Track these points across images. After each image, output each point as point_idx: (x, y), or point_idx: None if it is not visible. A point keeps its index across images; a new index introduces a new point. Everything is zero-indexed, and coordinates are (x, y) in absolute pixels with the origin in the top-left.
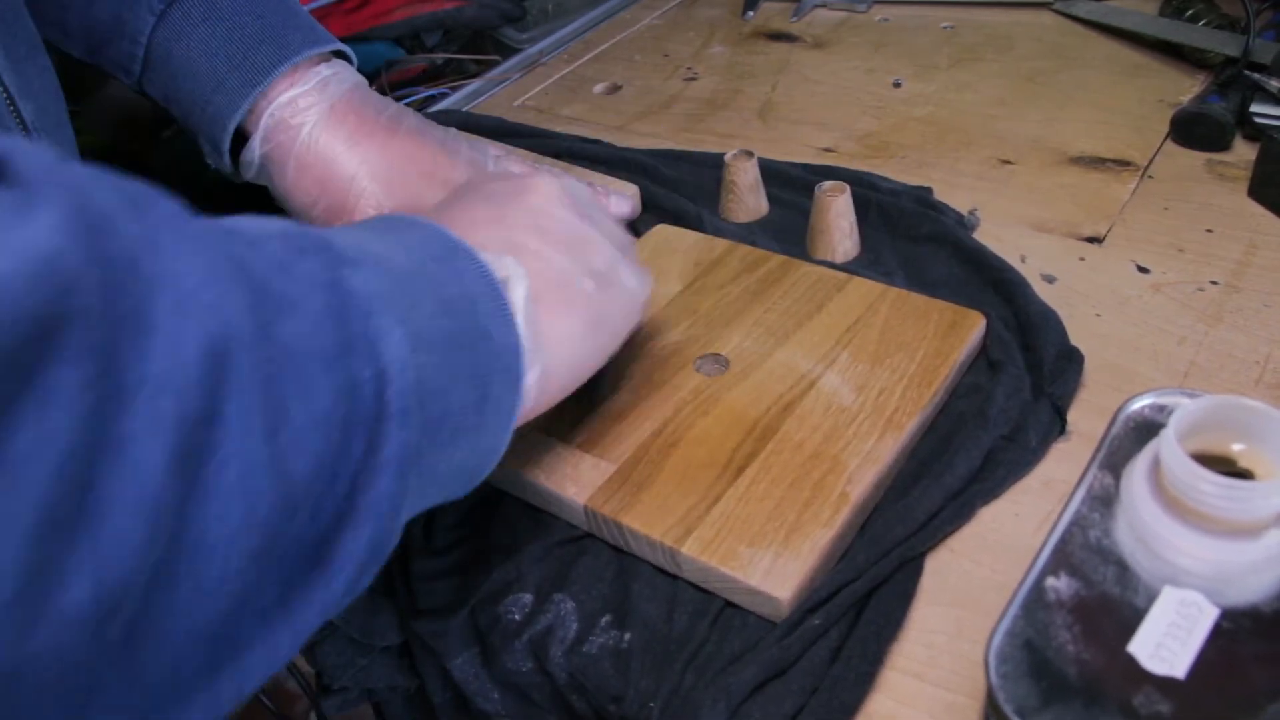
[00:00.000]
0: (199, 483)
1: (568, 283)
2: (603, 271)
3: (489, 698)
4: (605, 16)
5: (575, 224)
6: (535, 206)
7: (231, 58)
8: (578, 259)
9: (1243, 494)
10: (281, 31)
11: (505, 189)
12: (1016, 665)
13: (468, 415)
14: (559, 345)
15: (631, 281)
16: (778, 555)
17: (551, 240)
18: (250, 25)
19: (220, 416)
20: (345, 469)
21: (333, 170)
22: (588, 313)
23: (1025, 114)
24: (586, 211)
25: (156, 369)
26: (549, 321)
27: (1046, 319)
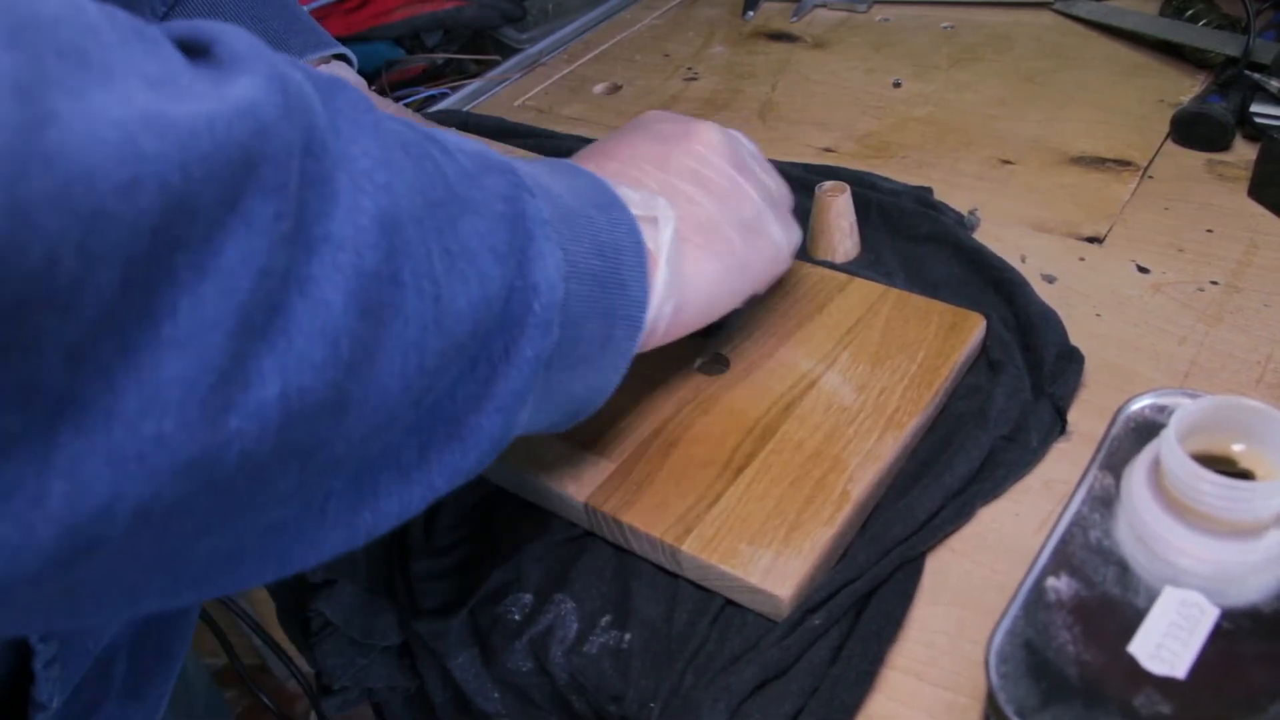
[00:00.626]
0: (381, 332)
1: (714, 228)
2: (749, 221)
3: (489, 697)
4: (605, 16)
5: (730, 174)
6: (696, 153)
7: None
8: (727, 207)
9: (1243, 494)
10: (284, 35)
11: (673, 131)
12: (1017, 665)
13: (593, 347)
14: (697, 283)
15: (777, 233)
16: (778, 553)
17: (706, 187)
18: (251, 29)
19: (398, 280)
20: (489, 357)
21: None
22: (729, 258)
23: (1025, 114)
24: (745, 163)
25: (335, 229)
26: (691, 261)
27: (1047, 319)
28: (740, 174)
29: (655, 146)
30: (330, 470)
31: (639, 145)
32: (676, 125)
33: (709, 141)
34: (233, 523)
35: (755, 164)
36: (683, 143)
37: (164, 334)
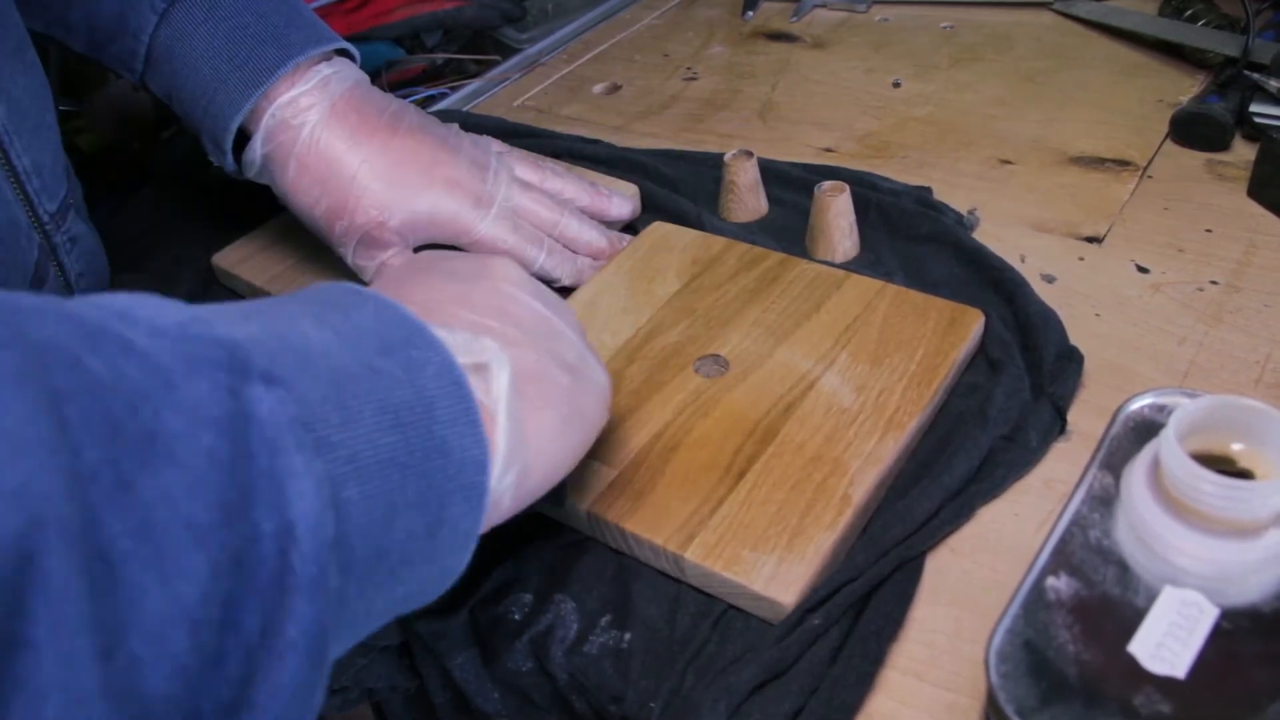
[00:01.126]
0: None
1: (543, 374)
2: (573, 363)
3: (489, 698)
4: (605, 16)
5: (542, 311)
6: (501, 290)
7: (234, 57)
8: (550, 349)
9: (1242, 494)
10: (284, 31)
11: (466, 268)
12: (1017, 665)
13: (416, 544)
14: (538, 441)
15: (599, 374)
16: (781, 560)
17: (522, 325)
18: (253, 25)
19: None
20: (235, 653)
21: (334, 170)
22: (565, 408)
23: (1025, 114)
24: (546, 298)
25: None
26: (528, 417)
27: (1046, 319)
28: (549, 309)
29: (453, 285)
30: None
31: (433, 286)
32: (469, 262)
33: (508, 275)
34: None
35: (554, 298)
36: (483, 280)
37: None
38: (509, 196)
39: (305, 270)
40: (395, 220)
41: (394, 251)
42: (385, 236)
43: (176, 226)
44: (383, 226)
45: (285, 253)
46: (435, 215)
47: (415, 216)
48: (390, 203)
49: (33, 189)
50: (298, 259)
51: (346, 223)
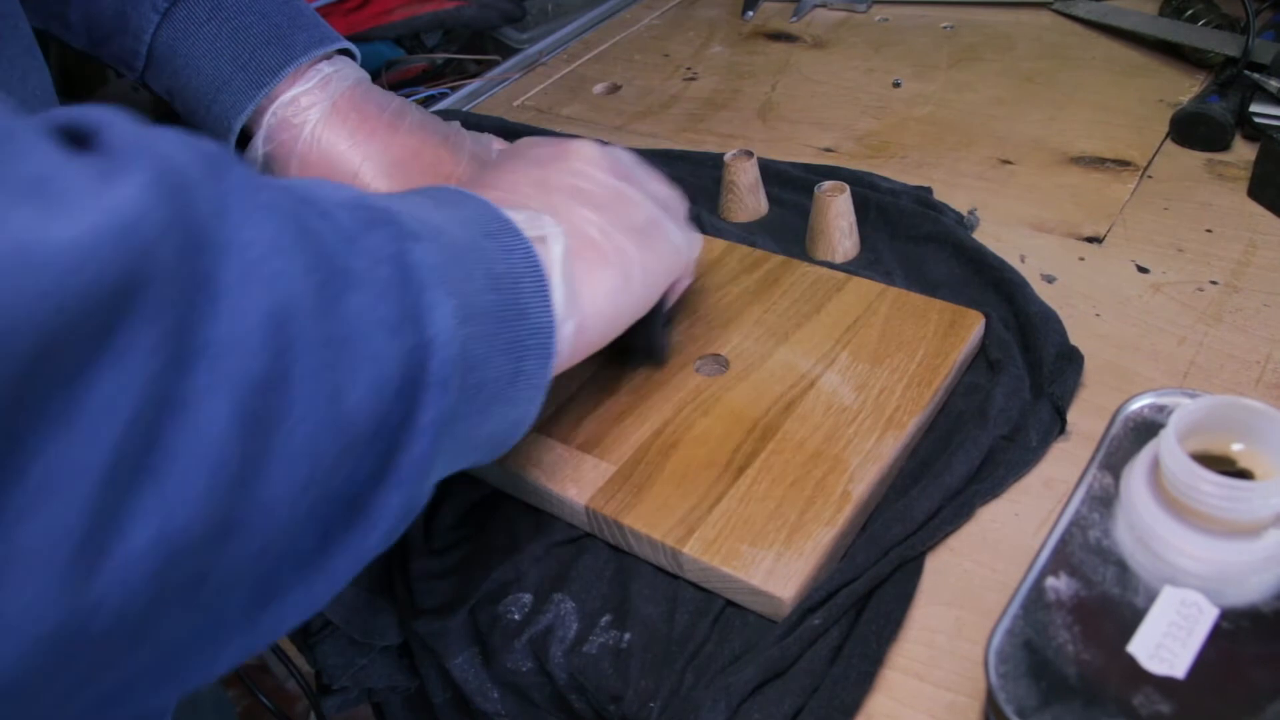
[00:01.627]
0: (269, 443)
1: (605, 239)
2: (642, 226)
3: (489, 697)
4: (605, 16)
5: (614, 184)
6: (575, 169)
7: (237, 58)
8: (616, 216)
9: (1242, 494)
10: (287, 31)
11: (549, 152)
12: (1016, 665)
13: (502, 386)
14: (595, 298)
15: (675, 237)
16: (780, 555)
17: (590, 200)
18: (256, 25)
19: (287, 380)
20: (387, 430)
21: (336, 168)
22: (626, 267)
23: (1025, 114)
24: (628, 172)
25: (221, 333)
26: (585, 276)
27: (1046, 319)
28: (625, 182)
29: (533, 170)
30: (220, 594)
31: (516, 171)
32: (552, 146)
33: (586, 156)
34: (109, 671)
35: (639, 172)
36: (560, 161)
37: (19, 496)
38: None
39: None
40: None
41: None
42: None
43: None
44: None
45: None
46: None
47: None
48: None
49: None
50: None
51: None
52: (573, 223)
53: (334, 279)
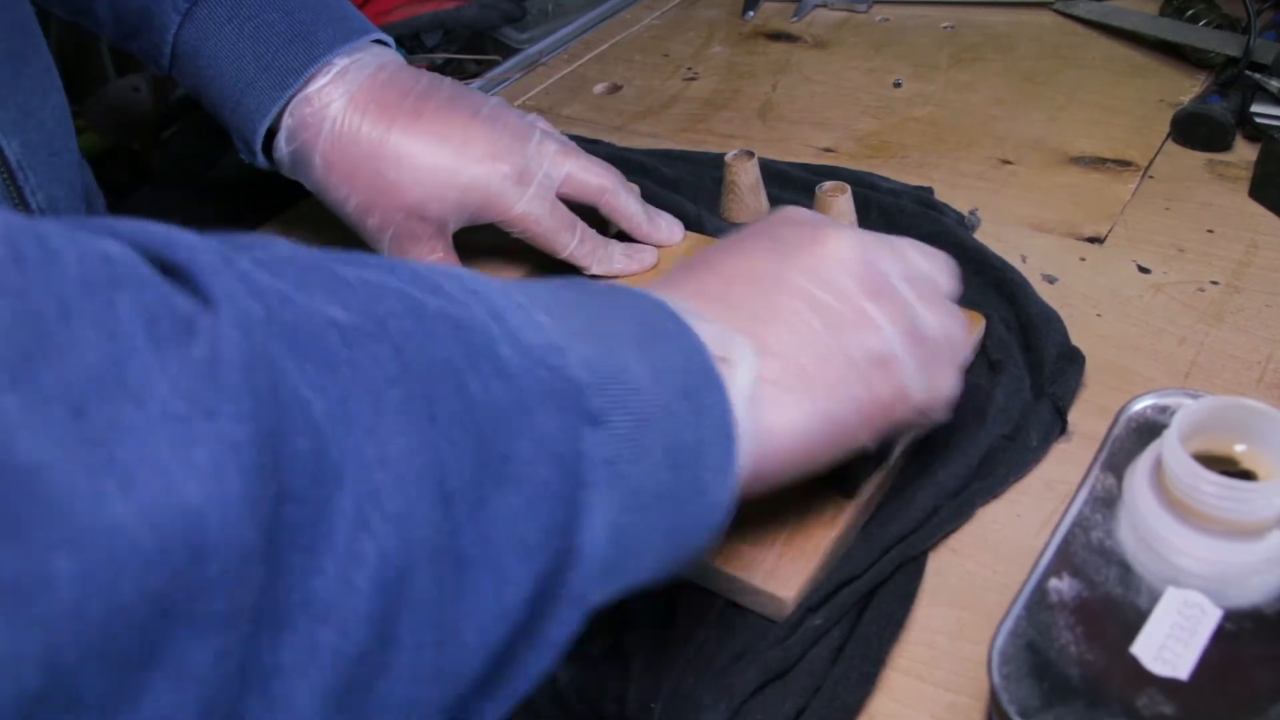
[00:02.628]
0: (360, 709)
1: (818, 364)
2: (871, 356)
3: None
4: (605, 16)
5: (856, 300)
6: (816, 270)
7: (260, 58)
8: (841, 339)
9: (1244, 495)
10: (312, 28)
11: (798, 238)
12: (1019, 666)
13: (651, 561)
14: (781, 432)
15: (912, 375)
16: (781, 555)
17: (819, 313)
18: (279, 23)
19: (391, 643)
20: (503, 655)
21: (357, 165)
22: (830, 402)
23: (1025, 114)
24: (885, 286)
25: (322, 593)
26: (776, 407)
27: (1048, 319)
28: (872, 299)
29: (769, 261)
30: None
31: (753, 258)
32: (803, 231)
33: (838, 255)
34: None
35: (910, 288)
36: (802, 257)
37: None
38: (552, 167)
39: None
40: (430, 209)
41: (429, 247)
42: (419, 228)
43: (176, 226)
44: (415, 217)
45: None
46: (469, 196)
47: (448, 201)
48: (420, 192)
49: None
50: None
51: (378, 218)
52: (786, 339)
53: (484, 477)
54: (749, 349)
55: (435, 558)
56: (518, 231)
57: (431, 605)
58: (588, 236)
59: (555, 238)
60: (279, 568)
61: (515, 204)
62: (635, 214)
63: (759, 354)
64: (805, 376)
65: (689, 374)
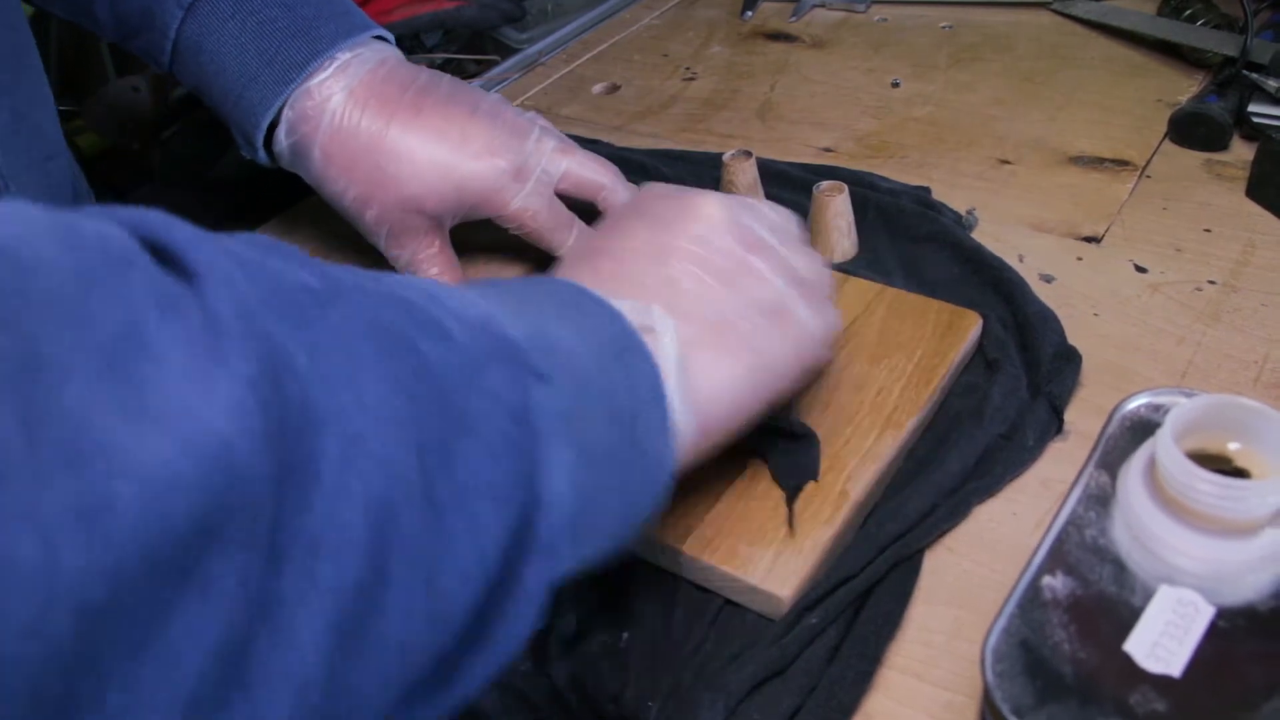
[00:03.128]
0: (359, 647)
1: (725, 322)
2: (767, 306)
3: (487, 697)
4: (604, 16)
5: (738, 254)
6: (699, 234)
7: (263, 53)
8: (739, 294)
9: (1239, 493)
10: (314, 23)
11: (670, 210)
12: (1013, 664)
13: (610, 524)
14: (716, 391)
15: (805, 316)
16: (779, 554)
17: (713, 274)
18: (281, 18)
19: (384, 577)
20: (485, 601)
21: (356, 158)
22: (748, 355)
23: (1024, 114)
24: (758, 239)
25: (316, 529)
26: (703, 369)
27: (1045, 319)
28: (752, 252)
29: (652, 236)
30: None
31: (635, 236)
32: (675, 200)
33: (711, 217)
34: None
35: (775, 238)
36: (680, 224)
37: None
38: (550, 163)
39: None
40: (428, 203)
41: (425, 241)
42: (417, 222)
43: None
44: (413, 211)
45: None
46: (466, 190)
47: (446, 196)
48: (419, 185)
49: None
50: None
51: (376, 211)
52: (690, 303)
53: (447, 430)
54: (667, 318)
55: (415, 501)
56: (514, 227)
57: (417, 546)
58: (585, 234)
59: (552, 234)
60: (278, 510)
61: (512, 199)
62: None
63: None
64: (721, 336)
65: (615, 341)
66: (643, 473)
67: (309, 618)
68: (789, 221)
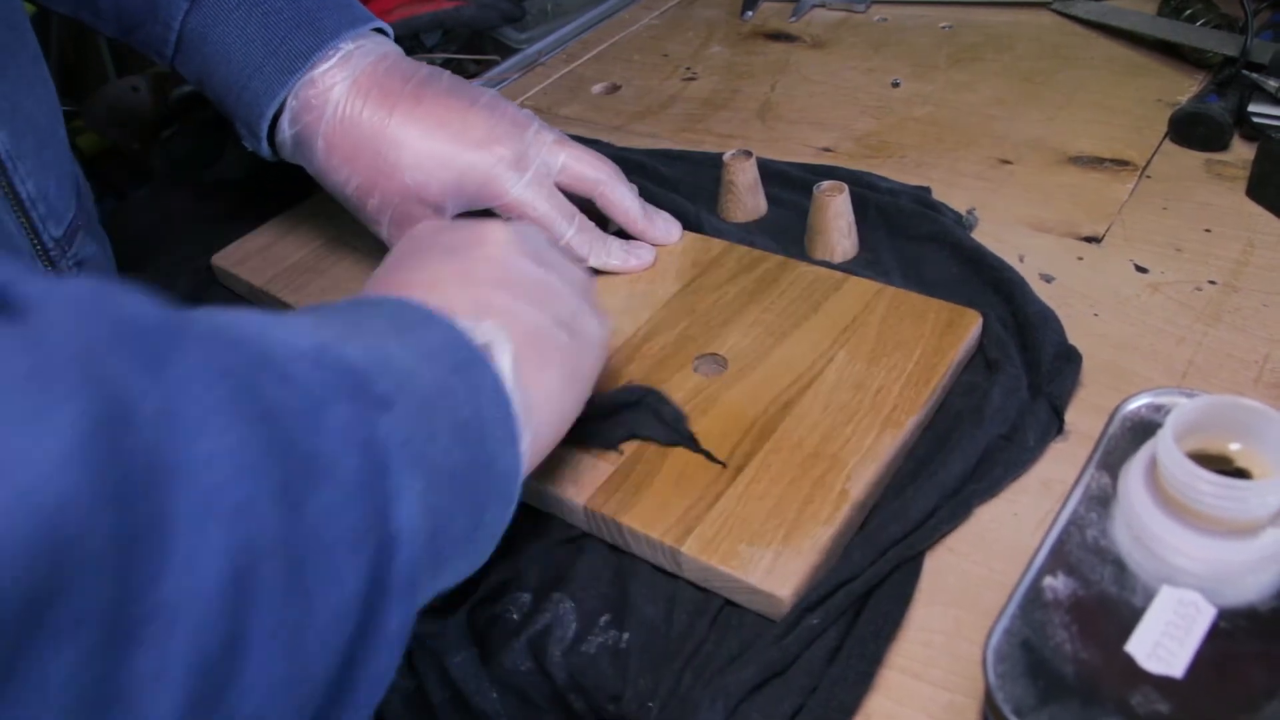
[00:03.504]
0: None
1: (542, 337)
2: (569, 319)
3: (487, 697)
4: (604, 16)
5: (536, 272)
6: (495, 257)
7: (268, 44)
8: (546, 309)
9: (1239, 493)
10: (317, 14)
11: (460, 239)
12: (1014, 665)
13: (461, 543)
14: (544, 404)
15: (594, 326)
16: (778, 554)
17: (519, 293)
18: (285, 9)
19: (243, 647)
20: (348, 652)
21: (359, 146)
22: (565, 366)
23: (1024, 114)
24: (545, 256)
25: (171, 595)
26: (532, 382)
27: (1045, 319)
28: (544, 268)
29: (451, 262)
30: None
31: (433, 265)
32: (460, 231)
33: (501, 241)
34: None
35: (552, 254)
36: (474, 250)
37: None
38: (549, 155)
39: (306, 271)
40: (429, 191)
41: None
42: (418, 211)
43: (176, 226)
44: (415, 200)
45: (285, 253)
46: (467, 179)
47: (447, 184)
48: (420, 174)
49: (38, 216)
50: (298, 259)
51: (378, 199)
52: (508, 322)
53: (298, 478)
54: (500, 329)
55: (275, 560)
56: (515, 217)
57: (278, 609)
58: (585, 227)
59: (552, 225)
60: (126, 571)
61: (511, 188)
62: (631, 209)
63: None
64: (540, 348)
65: (453, 354)
66: (492, 487)
67: (157, 700)
68: (548, 237)
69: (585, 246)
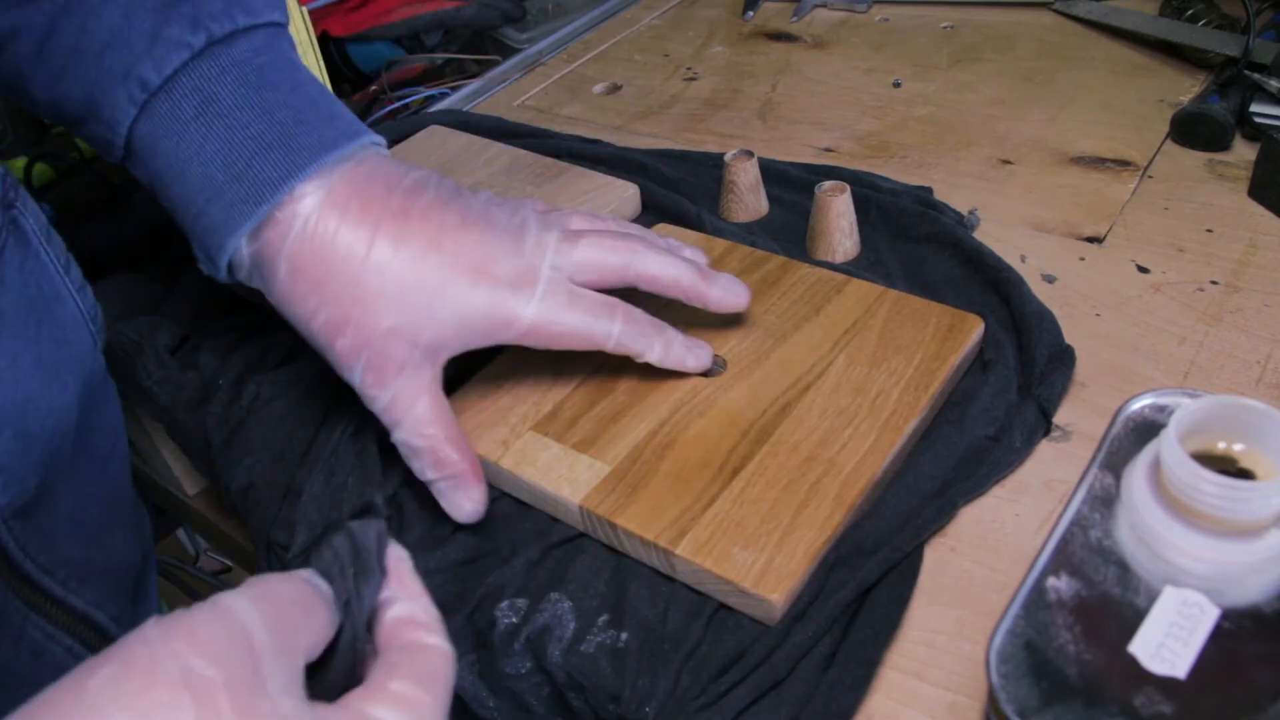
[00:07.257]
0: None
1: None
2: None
3: (485, 705)
4: (605, 16)
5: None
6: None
7: (231, 165)
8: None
9: (1243, 494)
10: (293, 132)
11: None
12: (1017, 665)
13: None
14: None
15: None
16: (772, 558)
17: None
18: (254, 124)
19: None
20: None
21: (332, 273)
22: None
23: (1025, 114)
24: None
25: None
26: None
27: (1041, 319)
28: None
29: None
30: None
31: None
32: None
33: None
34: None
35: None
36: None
37: None
38: (558, 257)
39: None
40: (420, 331)
41: (413, 377)
42: (401, 353)
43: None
44: (401, 339)
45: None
46: (464, 320)
47: (442, 328)
48: (408, 309)
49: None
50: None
51: (350, 339)
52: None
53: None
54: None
55: None
56: (543, 345)
57: None
58: (632, 318)
59: (588, 333)
60: None
61: (523, 311)
62: (680, 278)
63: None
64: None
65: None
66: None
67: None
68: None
69: (640, 339)
